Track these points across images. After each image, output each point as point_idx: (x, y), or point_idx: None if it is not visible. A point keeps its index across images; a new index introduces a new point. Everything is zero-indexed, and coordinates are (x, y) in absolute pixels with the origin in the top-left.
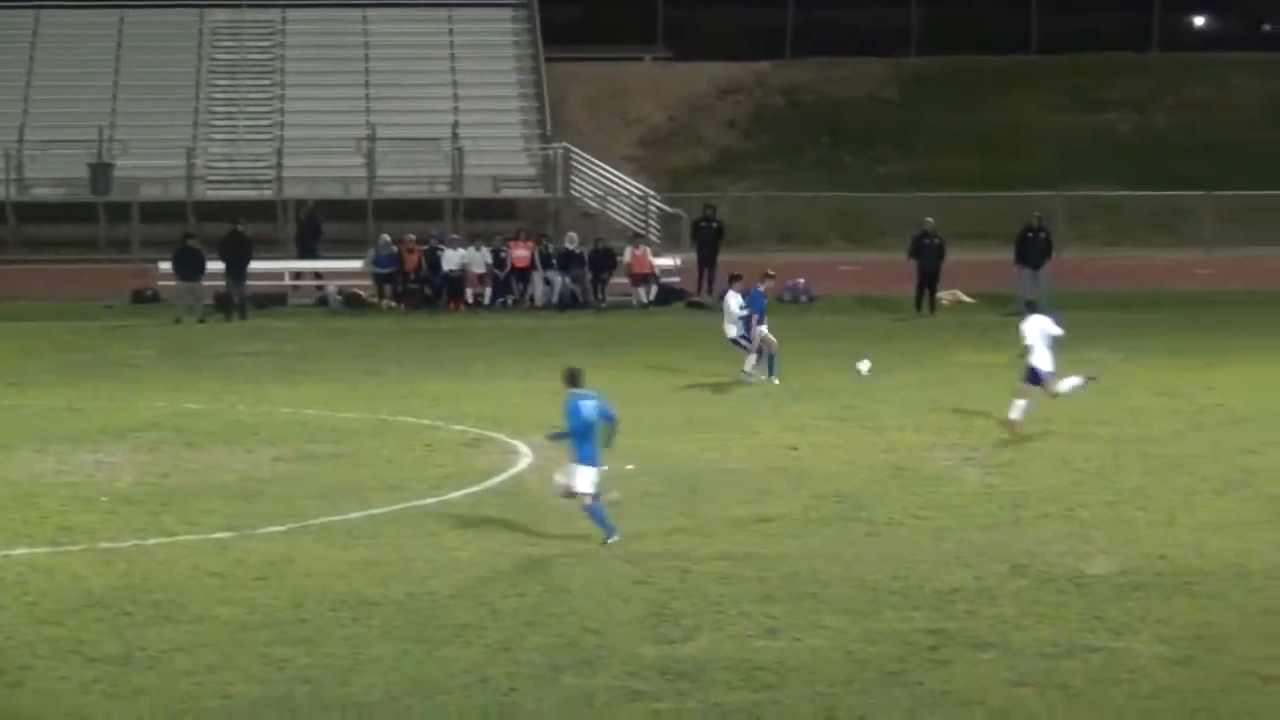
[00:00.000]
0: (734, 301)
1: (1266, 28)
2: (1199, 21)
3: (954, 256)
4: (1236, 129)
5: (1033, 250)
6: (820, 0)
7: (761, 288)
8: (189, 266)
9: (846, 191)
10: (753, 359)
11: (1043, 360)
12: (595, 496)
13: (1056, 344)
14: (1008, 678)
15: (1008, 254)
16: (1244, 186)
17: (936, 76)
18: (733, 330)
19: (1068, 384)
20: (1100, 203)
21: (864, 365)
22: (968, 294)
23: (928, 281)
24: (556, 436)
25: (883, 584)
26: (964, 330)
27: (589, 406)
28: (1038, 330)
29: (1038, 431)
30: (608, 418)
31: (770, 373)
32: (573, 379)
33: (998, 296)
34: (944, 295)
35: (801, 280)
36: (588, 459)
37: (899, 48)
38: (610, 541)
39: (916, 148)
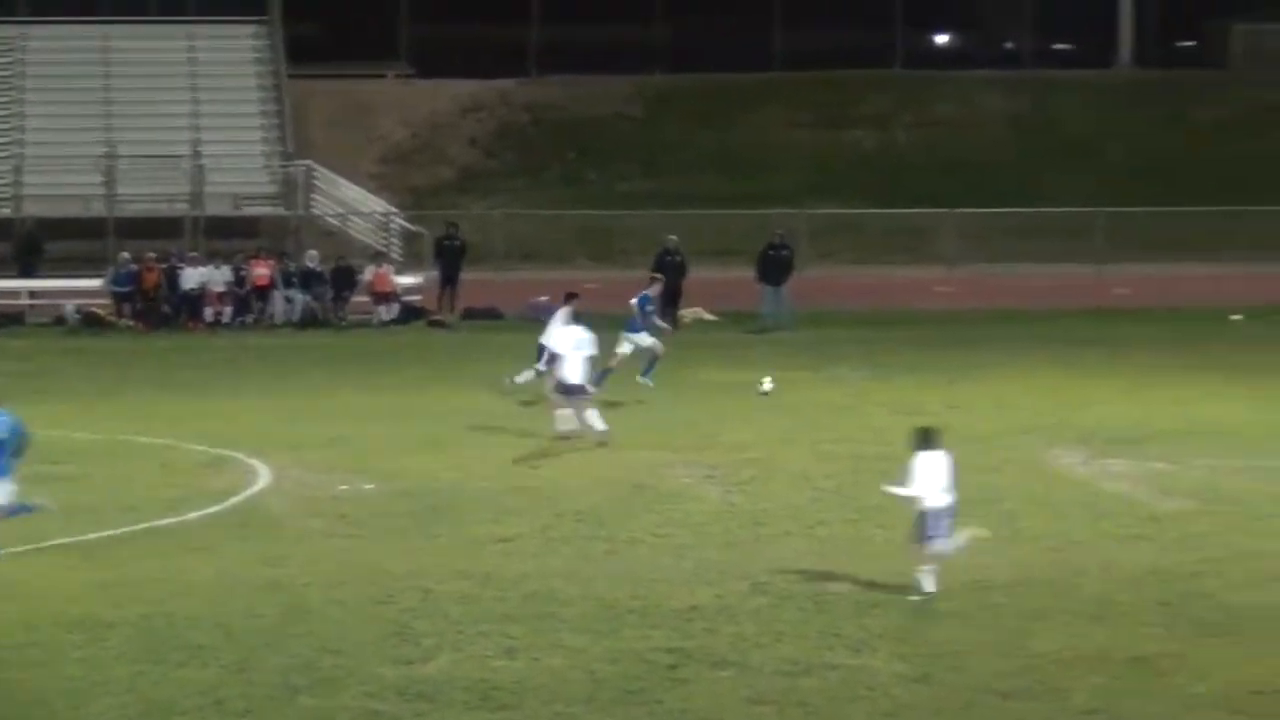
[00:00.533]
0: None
1: (1009, 46)
2: (942, 39)
3: (697, 274)
4: (979, 147)
5: (774, 268)
6: (564, 18)
7: (650, 292)
8: None
9: (590, 209)
10: (530, 374)
11: (573, 372)
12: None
13: (590, 359)
14: (746, 696)
15: (751, 271)
16: (986, 204)
17: (681, 94)
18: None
19: (591, 401)
20: (843, 220)
21: (766, 382)
22: (710, 311)
23: (670, 299)
24: None
25: (622, 603)
26: (705, 348)
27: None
28: (572, 341)
29: (781, 449)
30: (18, 433)
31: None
32: None
33: (740, 314)
34: (686, 313)
35: (544, 298)
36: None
37: (644, 66)
38: None
39: (660, 165)
